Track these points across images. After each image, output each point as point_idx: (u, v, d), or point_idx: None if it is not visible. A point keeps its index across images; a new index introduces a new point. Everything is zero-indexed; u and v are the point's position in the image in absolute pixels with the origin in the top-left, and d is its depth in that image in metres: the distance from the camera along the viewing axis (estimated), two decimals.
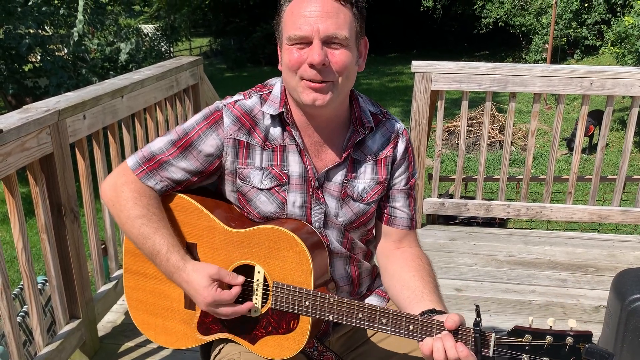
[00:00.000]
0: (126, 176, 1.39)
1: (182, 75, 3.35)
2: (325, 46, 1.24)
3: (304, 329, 1.32)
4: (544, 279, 3.12)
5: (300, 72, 1.26)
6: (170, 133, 1.40)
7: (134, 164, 1.40)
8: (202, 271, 1.32)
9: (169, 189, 1.41)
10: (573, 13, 14.60)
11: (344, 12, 1.26)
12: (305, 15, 1.24)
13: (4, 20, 8.05)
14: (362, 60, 1.36)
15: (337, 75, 1.26)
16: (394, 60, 20.70)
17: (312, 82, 1.26)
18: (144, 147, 1.42)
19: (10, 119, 1.99)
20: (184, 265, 1.34)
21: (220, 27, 23.89)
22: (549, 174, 3.59)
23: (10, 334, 1.98)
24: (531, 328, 1.12)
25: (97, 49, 9.80)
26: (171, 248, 1.34)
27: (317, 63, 1.23)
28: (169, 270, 1.35)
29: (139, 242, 1.37)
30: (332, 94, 1.28)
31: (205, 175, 1.41)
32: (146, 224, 1.35)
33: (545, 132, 10.50)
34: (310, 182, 1.39)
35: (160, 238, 1.35)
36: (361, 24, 1.31)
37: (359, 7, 1.30)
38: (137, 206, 1.36)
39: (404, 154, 1.46)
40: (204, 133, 1.37)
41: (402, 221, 1.47)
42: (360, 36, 1.32)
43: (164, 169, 1.38)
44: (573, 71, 3.36)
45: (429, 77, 3.39)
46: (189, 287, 1.33)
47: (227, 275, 1.33)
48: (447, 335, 1.15)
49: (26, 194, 3.27)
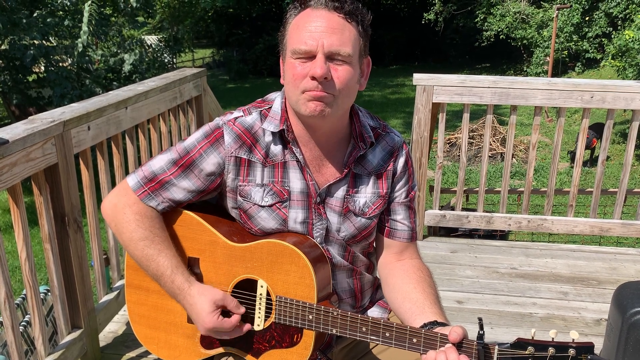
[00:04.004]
0: (127, 197, 1.39)
1: (186, 86, 3.37)
2: (328, 61, 1.25)
3: (307, 342, 1.33)
4: (545, 292, 3.12)
5: (303, 85, 1.26)
6: (171, 151, 1.40)
7: (135, 184, 1.39)
8: (207, 295, 1.33)
9: (170, 209, 1.42)
10: (574, 26, 14.67)
11: (349, 29, 1.27)
12: (310, 30, 1.25)
13: (9, 31, 8.11)
14: (364, 79, 1.37)
15: (337, 90, 1.27)
16: (396, 72, 20.77)
17: (314, 92, 1.26)
18: (144, 165, 1.42)
19: (16, 129, 2.01)
20: (189, 287, 1.35)
21: (223, 38, 24.02)
22: (550, 187, 3.59)
23: (12, 344, 1.98)
24: (534, 340, 1.12)
25: (101, 59, 9.87)
26: (175, 270, 1.35)
27: (319, 76, 1.24)
28: (174, 292, 1.36)
29: (143, 263, 1.38)
30: (332, 107, 1.28)
31: (207, 193, 1.41)
32: (149, 246, 1.36)
33: (546, 144, 10.51)
34: (312, 197, 1.39)
35: (164, 259, 1.35)
36: (365, 43, 1.32)
37: (364, 26, 1.30)
38: (139, 228, 1.36)
39: (404, 167, 1.46)
40: (205, 152, 1.37)
41: (403, 234, 1.48)
42: (364, 55, 1.33)
43: (166, 189, 1.38)
44: (574, 84, 3.38)
45: (430, 89, 3.41)
46: (192, 310, 1.35)
47: (231, 302, 1.34)
48: (450, 349, 1.15)
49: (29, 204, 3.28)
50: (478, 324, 1.16)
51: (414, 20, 20.99)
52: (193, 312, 1.34)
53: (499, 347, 1.14)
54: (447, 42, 21.83)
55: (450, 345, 1.16)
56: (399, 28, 22.35)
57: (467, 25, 19.28)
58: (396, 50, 22.41)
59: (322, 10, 1.26)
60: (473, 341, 1.16)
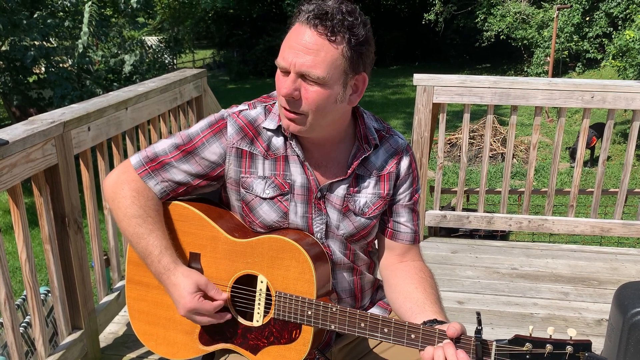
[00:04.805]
0: (128, 174, 1.42)
1: (186, 87, 3.38)
2: (302, 79, 1.25)
3: (306, 338, 1.33)
4: (546, 292, 3.12)
5: (280, 100, 1.30)
6: (175, 136, 1.43)
7: (137, 162, 1.42)
8: (191, 278, 1.35)
9: (170, 191, 1.43)
10: (574, 26, 14.68)
11: (327, 50, 1.22)
12: (291, 46, 1.25)
13: (10, 32, 8.12)
14: (357, 96, 1.33)
15: (306, 110, 1.27)
16: (396, 73, 20.78)
17: (285, 110, 1.29)
18: (148, 147, 1.45)
19: (16, 130, 2.01)
20: (175, 268, 1.37)
21: (223, 39, 24.03)
22: (551, 187, 3.59)
23: (12, 345, 1.98)
24: (532, 337, 1.13)
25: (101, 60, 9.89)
26: (164, 250, 1.37)
27: (284, 95, 1.26)
28: (159, 271, 1.37)
29: (133, 240, 1.39)
30: (303, 126, 1.29)
31: (207, 179, 1.42)
32: (141, 225, 1.38)
33: (547, 144, 10.51)
34: (313, 192, 1.40)
35: (154, 239, 1.37)
36: (356, 62, 1.26)
37: (352, 44, 1.24)
38: (134, 205, 1.39)
39: (408, 169, 1.46)
40: (208, 141, 1.39)
41: (406, 236, 1.49)
42: (353, 72, 1.28)
43: (166, 170, 1.41)
44: (574, 84, 3.38)
45: (430, 90, 3.41)
46: (174, 290, 1.36)
47: (212, 289, 1.36)
48: (448, 344, 1.16)
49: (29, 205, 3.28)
50: (476, 320, 1.16)
51: (414, 20, 21.01)
52: (175, 292, 1.36)
53: (497, 343, 1.15)
54: (448, 42, 21.84)
55: (448, 340, 1.17)
56: (399, 28, 22.38)
57: (468, 26, 19.30)
58: (396, 51, 22.43)
59: (305, 26, 1.24)
60: (471, 337, 1.17)
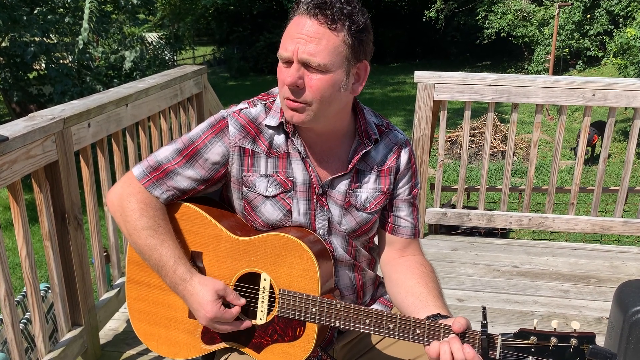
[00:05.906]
0: (132, 186, 1.40)
1: (186, 84, 3.37)
2: (305, 68, 1.26)
3: (310, 336, 1.33)
4: (546, 290, 3.12)
5: (283, 92, 1.29)
6: (176, 142, 1.41)
7: (140, 173, 1.40)
8: (209, 285, 1.33)
9: (175, 198, 1.42)
10: (575, 24, 14.65)
11: (328, 38, 1.24)
12: (292, 37, 1.26)
13: (10, 28, 8.11)
14: (359, 85, 1.34)
15: (310, 99, 1.27)
16: (397, 70, 20.76)
17: (289, 100, 1.29)
18: (149, 156, 1.43)
19: (16, 126, 2.01)
20: (191, 278, 1.35)
21: (224, 36, 23.98)
22: (551, 185, 3.59)
23: (12, 341, 1.98)
24: (536, 330, 1.14)
25: (102, 56, 9.87)
26: (178, 260, 1.36)
27: (289, 84, 1.26)
28: (175, 282, 1.36)
29: (145, 253, 1.38)
30: (308, 115, 1.29)
31: (212, 183, 1.42)
32: (152, 236, 1.36)
33: (547, 142, 10.50)
34: (314, 189, 1.40)
35: (167, 250, 1.36)
36: (356, 48, 1.28)
37: (355, 30, 1.26)
38: (143, 217, 1.37)
39: (407, 164, 1.47)
40: (210, 141, 1.38)
41: (406, 230, 1.49)
42: (355, 60, 1.29)
43: (170, 177, 1.39)
44: (575, 82, 3.37)
45: (431, 87, 3.41)
46: (193, 300, 1.34)
47: (231, 293, 1.35)
48: (454, 338, 1.16)
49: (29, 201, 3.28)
50: (482, 314, 1.17)
51: (415, 17, 20.96)
52: (194, 302, 1.34)
53: (502, 337, 1.15)
54: (448, 40, 21.81)
55: (454, 335, 1.17)
56: (400, 26, 22.33)
57: (468, 23, 19.26)
58: (397, 48, 22.39)
59: (305, 17, 1.25)
60: (476, 331, 1.17)
